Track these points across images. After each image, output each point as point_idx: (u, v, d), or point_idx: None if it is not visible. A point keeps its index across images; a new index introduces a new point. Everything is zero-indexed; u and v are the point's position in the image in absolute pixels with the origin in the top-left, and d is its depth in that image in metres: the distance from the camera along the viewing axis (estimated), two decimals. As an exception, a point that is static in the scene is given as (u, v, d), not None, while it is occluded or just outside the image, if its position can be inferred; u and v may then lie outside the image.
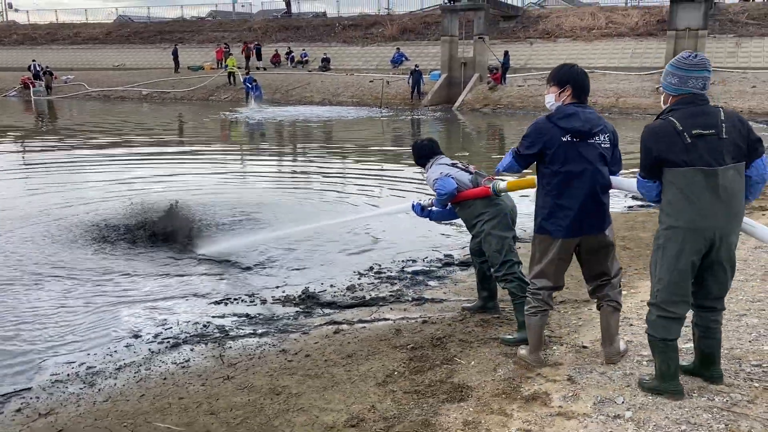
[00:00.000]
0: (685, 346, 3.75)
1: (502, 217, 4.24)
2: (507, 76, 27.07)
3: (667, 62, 3.19)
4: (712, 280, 3.14)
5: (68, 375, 4.02)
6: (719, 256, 3.05)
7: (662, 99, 3.21)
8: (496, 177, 4.40)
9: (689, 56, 3.06)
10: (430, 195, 4.66)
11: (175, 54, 35.25)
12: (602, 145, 3.49)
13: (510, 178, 4.42)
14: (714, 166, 2.94)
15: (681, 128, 2.97)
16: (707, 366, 3.33)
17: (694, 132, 2.96)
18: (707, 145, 2.95)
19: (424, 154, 4.65)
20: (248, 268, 6.21)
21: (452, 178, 4.34)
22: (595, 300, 3.78)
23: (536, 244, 3.65)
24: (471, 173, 4.44)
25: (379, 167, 12.82)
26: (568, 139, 3.43)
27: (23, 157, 14.84)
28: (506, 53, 27.41)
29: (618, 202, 8.92)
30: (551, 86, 3.57)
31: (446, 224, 7.32)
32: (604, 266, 3.65)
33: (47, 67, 34.92)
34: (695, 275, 3.12)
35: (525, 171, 3.83)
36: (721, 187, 2.95)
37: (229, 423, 3.32)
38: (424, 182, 4.93)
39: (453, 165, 4.52)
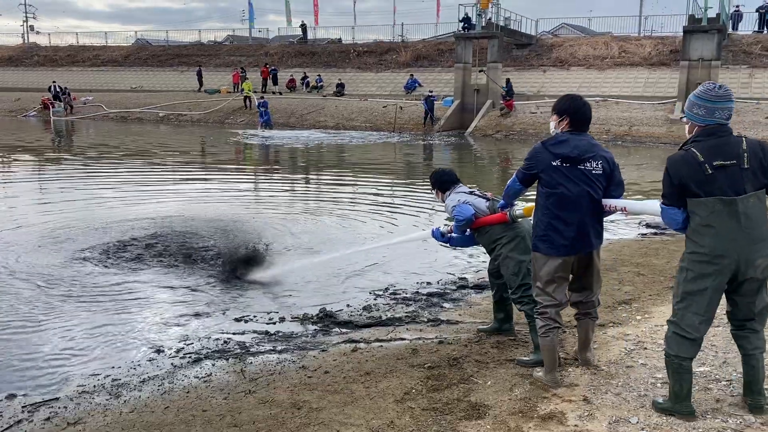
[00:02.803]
0: (699, 369, 3.83)
1: (520, 241, 4.34)
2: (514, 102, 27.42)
3: (680, 92, 3.32)
4: (740, 300, 3.22)
5: (94, 386, 4.13)
6: (745, 278, 3.13)
7: (687, 128, 3.31)
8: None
9: (714, 87, 3.17)
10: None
11: (199, 74, 36.71)
12: (593, 171, 3.72)
13: (525, 205, 4.52)
14: (733, 195, 3.04)
15: (702, 159, 3.08)
16: (746, 392, 3.36)
17: (715, 163, 3.06)
18: (728, 176, 3.05)
19: (446, 179, 4.79)
20: (266, 288, 6.31)
21: (470, 204, 4.48)
22: (575, 310, 4.07)
23: (533, 263, 3.92)
24: (488, 200, 4.57)
25: (400, 191, 12.97)
26: (558, 163, 3.71)
27: (47, 175, 15.11)
28: (507, 81, 27.76)
29: (632, 230, 9.00)
30: (553, 114, 3.88)
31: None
32: (589, 282, 3.95)
33: (66, 87, 35.66)
34: (721, 296, 3.21)
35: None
36: (742, 214, 3.05)
37: (252, 435, 3.41)
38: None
39: (470, 192, 4.67)
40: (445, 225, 4.91)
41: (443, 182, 4.79)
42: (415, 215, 10.10)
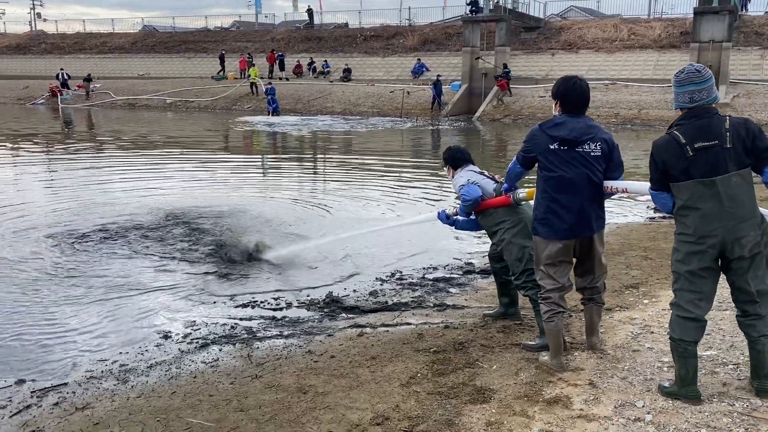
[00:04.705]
0: (705, 353, 3.81)
1: (523, 226, 4.31)
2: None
3: None
4: (735, 279, 3.19)
5: (102, 372, 4.16)
6: (734, 256, 3.11)
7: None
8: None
9: (679, 72, 3.19)
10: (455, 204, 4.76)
11: (221, 59, 36.91)
12: (591, 153, 3.69)
13: (529, 188, 4.48)
14: (713, 176, 3.04)
15: (684, 142, 3.09)
16: (753, 376, 3.32)
17: (696, 145, 3.06)
18: (709, 157, 3.05)
19: (459, 157, 4.73)
20: (272, 273, 6.34)
21: (478, 185, 4.44)
22: (581, 295, 4.05)
23: (534, 247, 3.90)
24: (496, 182, 4.53)
25: (409, 178, 12.95)
26: (556, 146, 3.68)
27: (56, 162, 15.17)
28: (505, 65, 27.67)
29: (640, 213, 8.96)
30: (552, 98, 3.89)
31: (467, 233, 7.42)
32: (591, 267, 3.92)
33: (89, 74, 35.98)
34: (716, 274, 3.20)
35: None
36: (724, 195, 3.04)
37: (258, 420, 3.42)
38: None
39: (480, 173, 4.64)
40: (452, 207, 4.89)
41: (456, 159, 4.73)
42: (426, 199, 10.09)
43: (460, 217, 4.71)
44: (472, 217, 4.59)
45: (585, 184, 3.67)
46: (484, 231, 4.71)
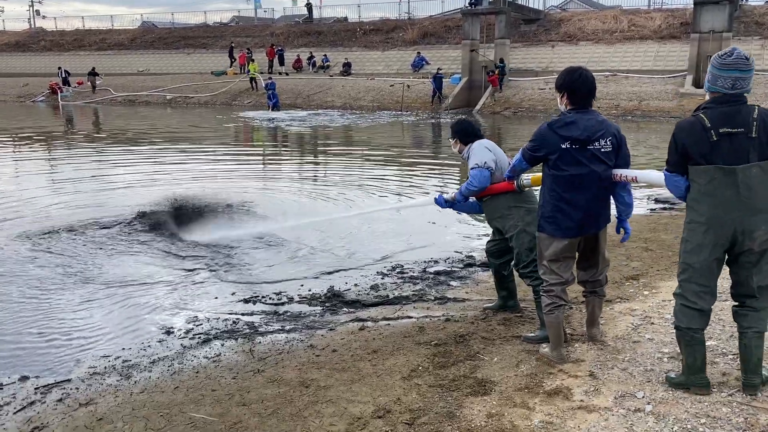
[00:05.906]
0: (706, 343, 3.82)
1: (536, 216, 4.27)
2: (504, 81, 27.38)
3: (690, 65, 3.24)
4: (739, 272, 3.18)
5: (105, 368, 4.18)
6: (743, 249, 3.08)
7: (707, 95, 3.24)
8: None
9: (724, 54, 3.07)
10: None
11: (230, 53, 36.61)
12: (602, 150, 3.65)
13: (533, 175, 4.43)
14: (735, 164, 2.99)
15: (709, 125, 3.02)
16: (742, 370, 3.29)
17: (721, 130, 3.00)
18: (733, 144, 2.99)
19: (471, 132, 4.63)
20: (275, 267, 6.36)
21: (492, 170, 4.29)
22: (583, 288, 4.05)
23: (539, 243, 3.87)
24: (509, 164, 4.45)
25: (408, 168, 12.95)
26: (568, 146, 3.62)
27: (58, 159, 15.18)
28: (501, 60, 27.67)
29: (641, 204, 8.95)
30: (556, 91, 3.81)
31: (468, 224, 7.44)
32: (595, 261, 3.93)
33: (93, 68, 36.10)
34: (721, 268, 3.18)
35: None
36: (742, 184, 2.99)
37: (261, 414, 3.45)
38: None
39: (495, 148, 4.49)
40: (449, 193, 4.82)
41: (467, 134, 4.60)
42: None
43: (459, 199, 4.58)
44: (472, 200, 4.55)
45: (594, 182, 3.63)
46: (483, 217, 4.61)
